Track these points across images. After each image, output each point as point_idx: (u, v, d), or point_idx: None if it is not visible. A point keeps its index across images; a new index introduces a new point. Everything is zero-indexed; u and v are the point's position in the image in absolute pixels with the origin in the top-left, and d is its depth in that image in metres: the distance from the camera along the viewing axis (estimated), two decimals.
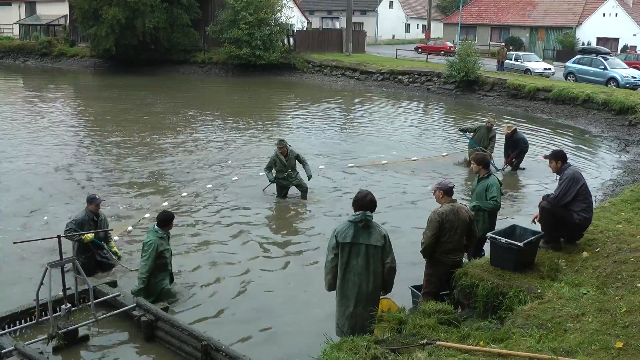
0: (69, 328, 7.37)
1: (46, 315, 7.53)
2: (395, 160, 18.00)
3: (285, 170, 13.66)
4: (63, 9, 56.17)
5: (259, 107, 29.62)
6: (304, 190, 13.87)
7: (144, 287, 8.56)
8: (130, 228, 11.86)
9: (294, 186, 13.90)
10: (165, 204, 13.37)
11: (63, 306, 7.47)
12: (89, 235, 9.53)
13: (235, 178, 15.66)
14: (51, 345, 7.31)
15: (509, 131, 16.95)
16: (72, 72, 47.43)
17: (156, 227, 8.82)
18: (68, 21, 55.46)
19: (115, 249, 10.23)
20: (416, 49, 55.37)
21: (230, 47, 42.45)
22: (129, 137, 20.67)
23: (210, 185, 14.90)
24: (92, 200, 9.86)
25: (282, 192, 13.93)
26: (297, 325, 8.30)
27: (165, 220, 8.89)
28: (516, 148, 17.03)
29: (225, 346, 6.96)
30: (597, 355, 5.10)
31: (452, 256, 7.59)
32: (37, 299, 7.31)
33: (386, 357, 5.57)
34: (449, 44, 54.66)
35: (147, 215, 12.63)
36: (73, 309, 7.61)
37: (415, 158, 18.28)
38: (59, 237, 7.47)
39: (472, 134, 17.59)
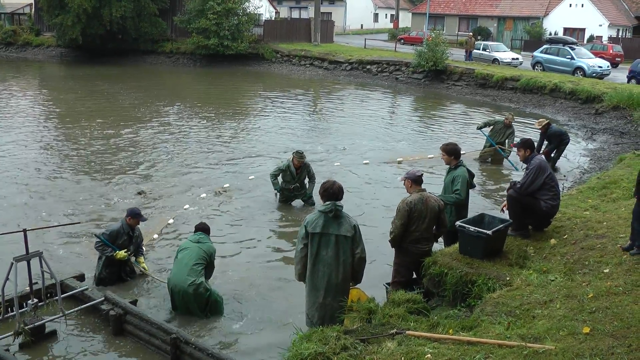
0: (35, 324, 7.22)
1: (12, 311, 7.37)
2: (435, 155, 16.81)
3: (293, 182, 12.66)
4: None
5: (226, 98, 29.36)
6: (311, 205, 12.69)
7: None
8: (155, 236, 10.99)
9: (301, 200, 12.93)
10: (186, 206, 12.55)
11: (29, 301, 7.32)
12: (122, 253, 8.83)
13: (252, 177, 14.75)
14: (17, 342, 7.19)
15: (540, 126, 15.82)
16: (38, 62, 46.55)
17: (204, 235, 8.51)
18: (33, 10, 54.46)
19: (143, 264, 9.30)
20: (399, 39, 55.15)
21: (198, 37, 42.01)
22: (106, 131, 20.30)
23: (227, 185, 14.04)
24: (137, 216, 9.12)
25: (286, 201, 12.90)
26: (267, 317, 8.25)
27: (208, 229, 8.70)
28: (550, 144, 15.86)
29: (195, 339, 6.92)
30: (565, 341, 5.16)
31: (420, 245, 7.60)
32: (2, 295, 7.14)
33: (356, 347, 5.58)
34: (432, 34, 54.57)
35: (170, 221, 11.78)
36: (40, 304, 7.48)
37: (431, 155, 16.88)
38: (24, 230, 7.33)
39: (489, 128, 16.61)
